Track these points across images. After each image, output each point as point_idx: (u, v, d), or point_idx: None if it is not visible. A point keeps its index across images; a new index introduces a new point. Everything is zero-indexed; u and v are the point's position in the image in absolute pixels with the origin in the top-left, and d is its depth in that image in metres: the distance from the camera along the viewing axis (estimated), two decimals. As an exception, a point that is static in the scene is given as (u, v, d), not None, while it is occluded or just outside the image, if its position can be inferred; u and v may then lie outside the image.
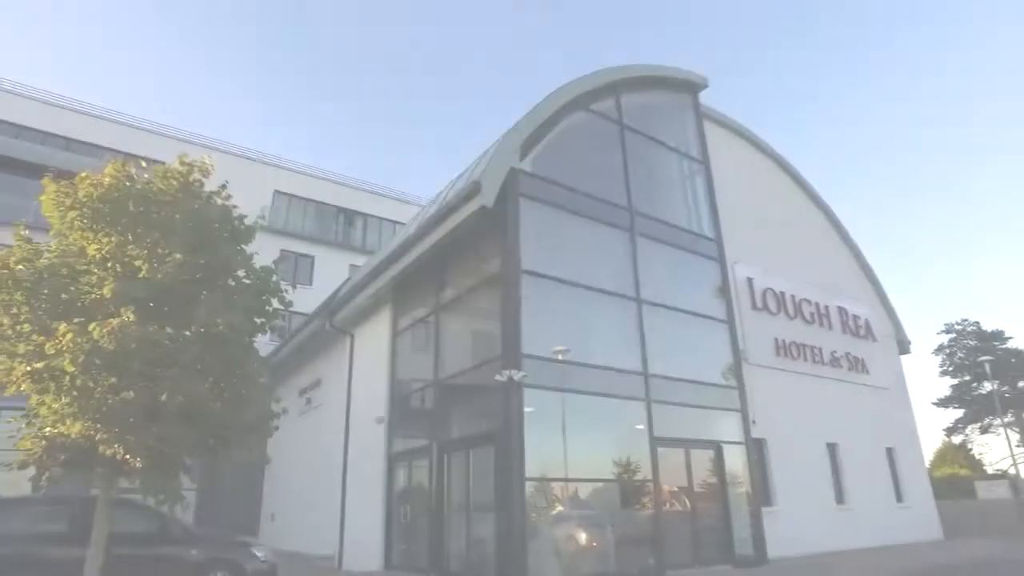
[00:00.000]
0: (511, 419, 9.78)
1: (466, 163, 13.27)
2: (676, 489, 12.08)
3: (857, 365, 18.02)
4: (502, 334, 10.58)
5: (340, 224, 33.25)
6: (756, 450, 13.83)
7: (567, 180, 12.39)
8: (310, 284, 28.76)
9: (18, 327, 7.20)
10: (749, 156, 18.33)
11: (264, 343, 9.24)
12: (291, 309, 9.27)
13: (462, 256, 12.77)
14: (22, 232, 7.90)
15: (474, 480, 11.19)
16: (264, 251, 9.68)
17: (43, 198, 7.94)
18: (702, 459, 12.70)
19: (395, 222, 33.24)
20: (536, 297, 11.00)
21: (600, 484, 11.16)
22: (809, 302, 17.42)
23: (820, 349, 17.01)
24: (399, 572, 12.39)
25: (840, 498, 15.78)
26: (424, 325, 13.96)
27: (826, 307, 17.90)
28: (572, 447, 10.60)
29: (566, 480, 10.59)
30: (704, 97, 16.77)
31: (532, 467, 9.81)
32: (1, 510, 8.80)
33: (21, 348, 7.10)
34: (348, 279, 18.17)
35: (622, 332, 12.29)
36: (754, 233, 16.47)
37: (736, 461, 13.10)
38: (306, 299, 21.94)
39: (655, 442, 11.61)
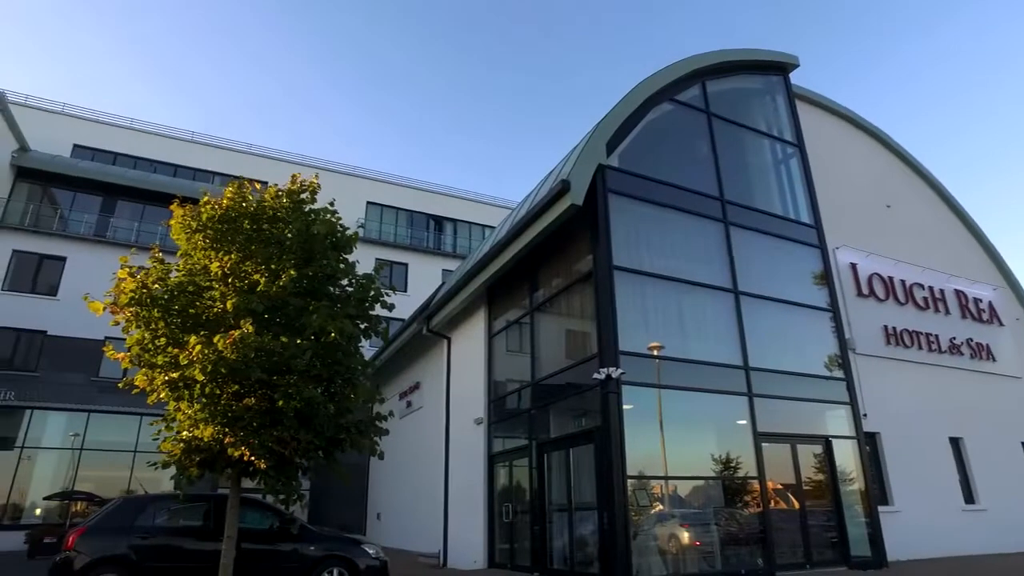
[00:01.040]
0: (610, 417, 9.75)
1: (551, 163, 13.35)
2: (780, 486, 11.63)
3: (981, 352, 16.69)
4: (597, 332, 10.58)
5: (431, 231, 34.24)
6: (869, 445, 13.11)
7: (656, 173, 12.22)
8: (405, 291, 29.80)
9: (156, 341, 7.95)
10: (847, 135, 17.39)
11: (365, 348, 9.70)
12: (389, 315, 9.66)
13: (555, 256, 12.84)
14: (157, 254, 8.71)
15: (575, 479, 11.23)
16: (360, 261, 10.17)
17: (172, 222, 8.72)
18: (810, 455, 12.15)
19: (484, 226, 33.92)
20: (630, 293, 10.91)
21: (701, 482, 10.92)
22: (922, 286, 16.32)
23: (936, 336, 15.88)
24: (502, 571, 12.60)
25: (969, 497, 14.64)
26: (519, 326, 14.14)
27: (941, 291, 16.70)
28: (671, 444, 10.48)
29: (666, 478, 10.46)
30: (796, 77, 16.07)
31: (632, 465, 9.74)
32: (149, 505, 9.65)
33: (159, 360, 7.83)
34: (442, 284, 18.67)
35: (719, 325, 11.97)
36: (856, 216, 15.62)
37: (847, 457, 12.44)
38: (402, 305, 22.75)
39: (759, 438, 11.24)
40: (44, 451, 23.20)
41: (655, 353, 10.76)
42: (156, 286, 8.12)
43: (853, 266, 15.06)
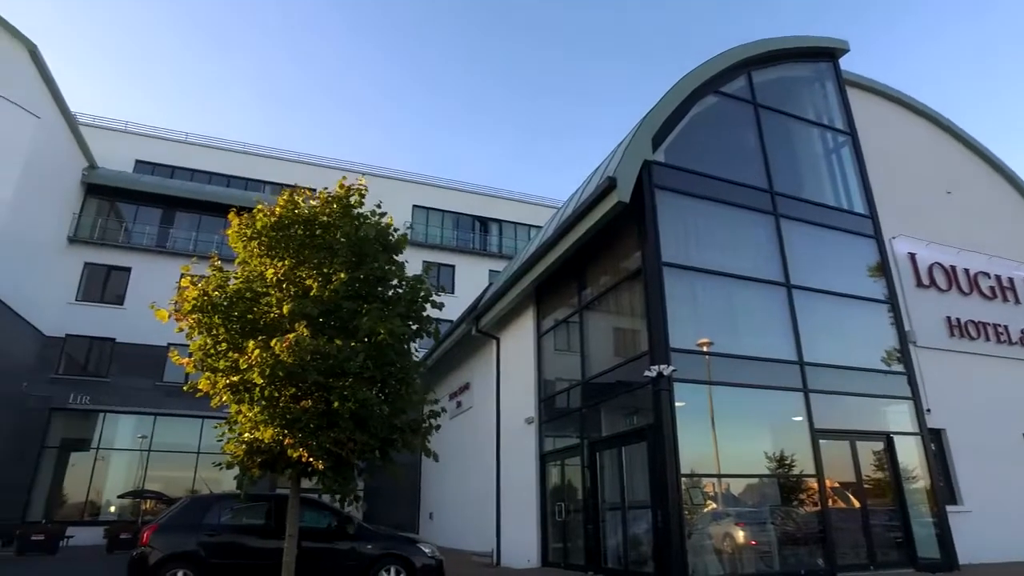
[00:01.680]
0: (663, 415, 9.67)
1: (596, 159, 13.32)
2: (838, 485, 11.30)
3: (1056, 343, 15.78)
4: (648, 329, 10.52)
5: (477, 232, 34.54)
6: (934, 442, 12.60)
7: (702, 167, 12.06)
8: (453, 292, 30.12)
9: (217, 346, 8.29)
10: (902, 120, 16.71)
11: (415, 350, 9.88)
12: (438, 317, 9.80)
13: (602, 253, 12.81)
14: (216, 262, 9.07)
15: (628, 477, 11.18)
16: (408, 262, 10.36)
17: (229, 231, 9.06)
18: (870, 452, 11.76)
19: (530, 226, 34.02)
20: (679, 289, 10.82)
21: (754, 480, 10.72)
22: (987, 275, 15.57)
23: (1006, 327, 15.12)
24: (556, 570, 12.61)
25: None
26: (568, 325, 14.16)
27: (1010, 279, 15.89)
28: (723, 442, 10.33)
29: (719, 476, 10.32)
30: (846, 62, 15.56)
31: (684, 463, 9.64)
32: (214, 504, 10.05)
33: (221, 364, 8.16)
34: (490, 284, 18.82)
35: (772, 320, 11.73)
36: (914, 204, 15.03)
37: (910, 454, 11.98)
38: (450, 307, 23.04)
39: (816, 434, 10.95)
40: (116, 452, 24.50)
41: (704, 349, 10.63)
42: (216, 293, 8.47)
43: (912, 256, 14.50)
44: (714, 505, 10.23)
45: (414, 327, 9.17)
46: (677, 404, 9.84)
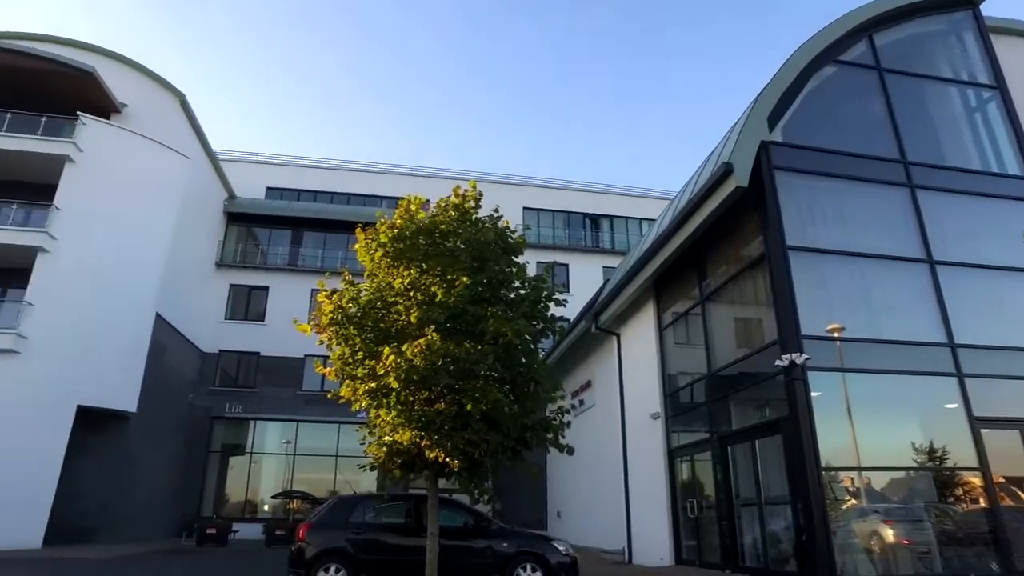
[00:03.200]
0: (797, 406, 9.20)
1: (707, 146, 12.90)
2: (1003, 480, 10.12)
3: None
4: (776, 317, 10.08)
5: (588, 229, 34.42)
6: None
7: (824, 143, 11.41)
8: (568, 291, 30.23)
9: (355, 355, 8.84)
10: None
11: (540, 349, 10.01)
12: (556, 315, 9.88)
13: (722, 242, 12.41)
14: (347, 276, 9.68)
15: (763, 472, 10.74)
16: (527, 264, 10.51)
17: (357, 246, 9.64)
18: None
19: (642, 219, 33.48)
20: (806, 274, 10.24)
21: (900, 474, 9.91)
22: None
23: None
24: (691, 568, 12.33)
25: None
26: (690, 317, 13.84)
27: None
28: (862, 433, 9.60)
29: (859, 469, 9.63)
30: (988, 7, 14.02)
31: (821, 456, 9.09)
32: (359, 504, 10.72)
33: (359, 372, 8.70)
34: (606, 281, 18.74)
35: (913, 300, 10.82)
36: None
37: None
38: (566, 305, 23.19)
39: (976, 423, 9.90)
40: (266, 456, 27.07)
41: (836, 335, 9.98)
42: (350, 305, 9.04)
43: (1081, 217, 12.81)
44: (854, 501, 9.60)
45: (539, 327, 9.32)
46: (812, 394, 9.33)
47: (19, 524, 16.30)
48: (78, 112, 20.74)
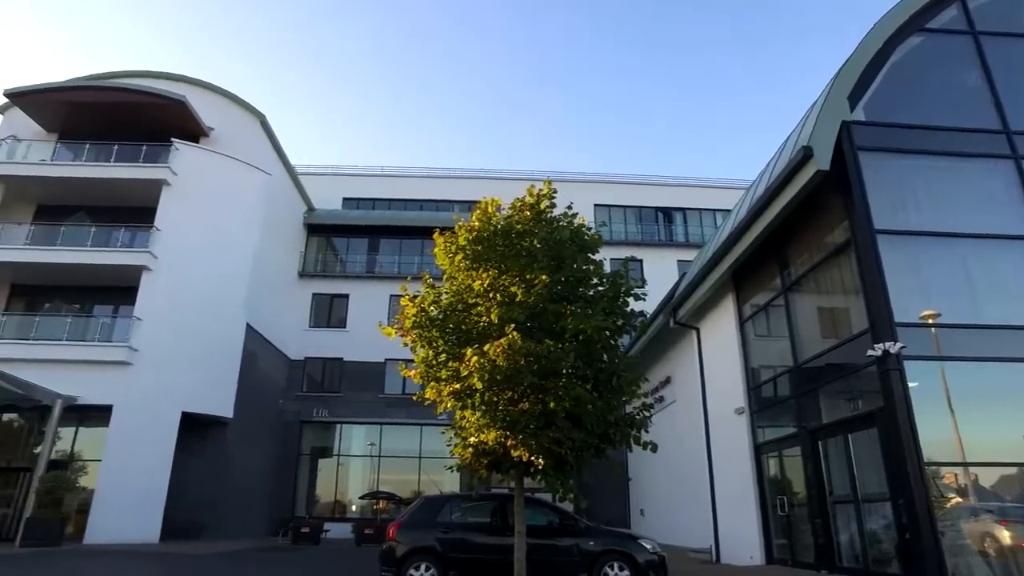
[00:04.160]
0: (894, 397, 8.74)
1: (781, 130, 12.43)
2: None
3: None
4: (866, 305, 9.62)
5: (661, 224, 33.87)
6: None
7: (912, 119, 10.79)
8: (642, 287, 29.81)
9: (438, 357, 9.07)
10: None
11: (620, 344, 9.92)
12: (636, 309, 9.78)
13: (803, 229, 11.96)
14: (428, 280, 9.93)
15: (858, 467, 10.26)
16: (605, 262, 10.47)
17: (436, 250, 9.88)
18: None
19: (716, 211, 32.61)
20: (897, 258, 9.70)
21: (1013, 470, 9.17)
22: None
23: None
24: (784, 568, 11.94)
25: None
26: (771, 309, 13.43)
27: None
28: (966, 426, 8.98)
29: (964, 464, 9.01)
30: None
31: (924, 450, 8.56)
32: (446, 504, 10.92)
33: (443, 374, 8.91)
34: (683, 275, 18.41)
35: (1019, 281, 10.04)
36: None
37: None
38: (645, 299, 22.94)
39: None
40: (353, 458, 28.00)
41: (931, 322, 9.42)
42: (432, 308, 9.27)
43: None
44: (960, 499, 8.99)
45: (619, 322, 9.26)
46: (910, 384, 8.85)
47: (139, 521, 17.76)
48: (172, 139, 22.21)
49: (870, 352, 9.12)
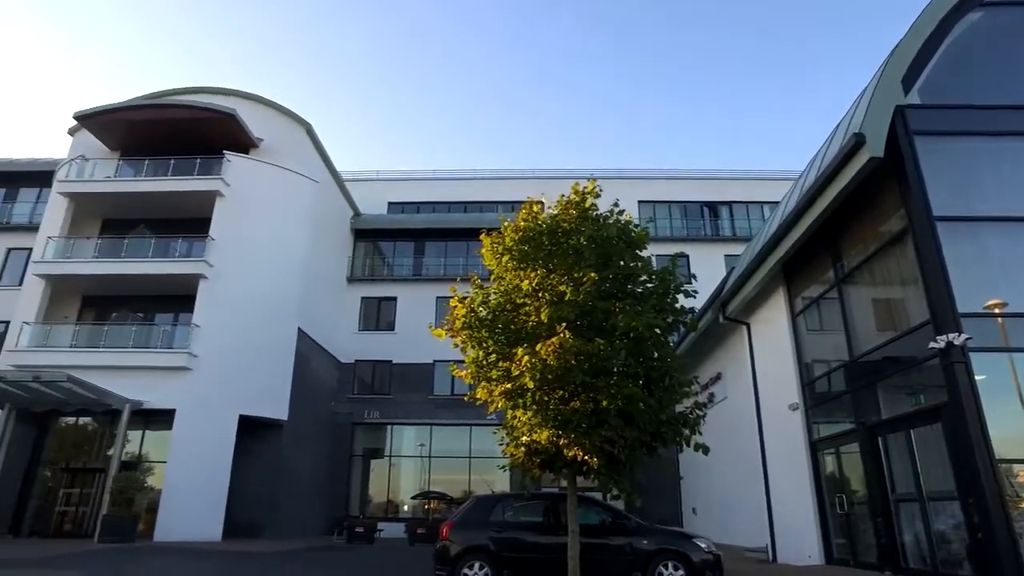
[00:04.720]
0: (960, 391, 8.41)
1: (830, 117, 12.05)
2: None
3: None
4: (927, 295, 9.26)
5: (706, 218, 33.30)
6: None
7: (972, 99, 10.32)
8: (689, 282, 29.37)
9: (488, 357, 9.14)
10: None
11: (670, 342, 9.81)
12: (687, 305, 9.65)
13: (857, 219, 11.59)
14: (476, 281, 10.02)
15: (922, 464, 9.90)
16: (653, 258, 10.39)
17: (483, 251, 9.94)
18: None
19: (763, 203, 31.88)
20: (959, 246, 9.32)
21: None
22: None
23: None
24: (844, 568, 11.59)
25: None
26: (824, 302, 13.06)
27: None
28: None
29: None
30: None
31: (995, 447, 8.20)
32: (498, 503, 10.96)
33: (494, 374, 8.98)
34: (731, 270, 18.09)
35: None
36: None
37: None
38: (696, 296, 22.60)
39: None
40: (404, 459, 28.40)
41: (997, 312, 9.01)
42: (481, 309, 9.35)
43: None
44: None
45: (669, 319, 9.17)
46: (976, 378, 8.49)
47: (203, 520, 18.55)
48: (224, 151, 23.02)
49: (932, 344, 8.79)
